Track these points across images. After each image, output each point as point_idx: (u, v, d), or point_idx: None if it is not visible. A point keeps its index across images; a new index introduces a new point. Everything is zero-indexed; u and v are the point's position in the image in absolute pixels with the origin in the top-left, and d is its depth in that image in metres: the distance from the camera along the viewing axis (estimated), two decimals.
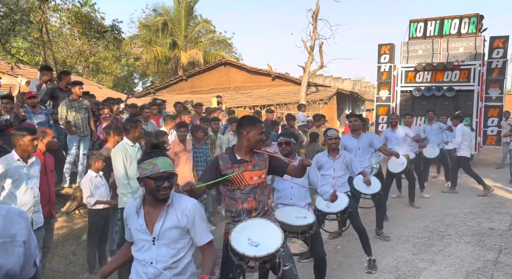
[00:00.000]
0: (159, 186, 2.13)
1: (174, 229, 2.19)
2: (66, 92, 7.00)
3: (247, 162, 2.93)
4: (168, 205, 2.20)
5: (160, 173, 2.12)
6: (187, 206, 2.22)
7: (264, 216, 2.92)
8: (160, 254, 2.17)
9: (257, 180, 2.94)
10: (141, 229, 2.20)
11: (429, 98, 11.86)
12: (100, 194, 4.64)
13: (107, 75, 23.63)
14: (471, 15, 11.82)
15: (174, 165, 2.56)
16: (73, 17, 10.99)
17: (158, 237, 2.18)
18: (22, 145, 3.48)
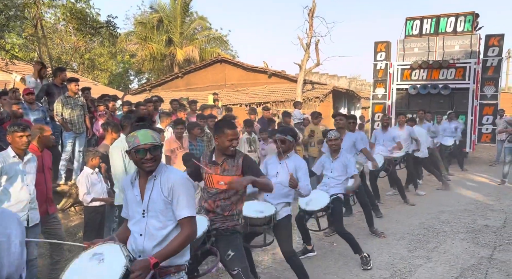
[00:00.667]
0: (142, 158, 2.16)
1: (159, 201, 2.20)
2: (61, 88, 6.96)
3: (218, 165, 2.97)
4: (154, 177, 2.22)
5: (141, 145, 2.15)
6: (174, 178, 2.22)
7: (223, 220, 2.96)
8: (148, 225, 2.20)
9: (223, 185, 2.93)
10: (135, 199, 2.25)
11: (425, 96, 11.91)
12: (96, 191, 4.63)
13: (102, 72, 23.49)
14: (467, 13, 11.87)
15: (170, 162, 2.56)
16: (68, 13, 10.89)
17: (147, 208, 2.21)
18: (13, 141, 3.48)
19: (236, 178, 2.83)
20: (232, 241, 2.95)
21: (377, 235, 5.51)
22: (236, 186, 2.74)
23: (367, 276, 4.31)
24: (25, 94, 6.10)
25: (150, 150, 2.17)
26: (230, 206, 2.98)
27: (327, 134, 4.88)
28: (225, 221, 2.97)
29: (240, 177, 2.91)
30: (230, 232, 2.97)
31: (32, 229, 3.57)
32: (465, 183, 9.14)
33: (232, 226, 2.99)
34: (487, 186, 8.70)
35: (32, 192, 3.59)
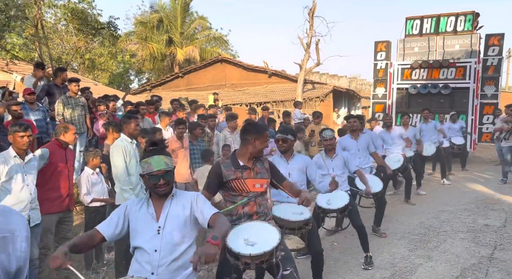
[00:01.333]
0: (155, 183, 2.26)
1: (178, 217, 2.29)
2: (62, 89, 6.98)
3: (249, 169, 2.93)
4: (172, 195, 2.34)
5: (155, 172, 2.24)
6: (192, 194, 2.40)
7: (265, 218, 2.95)
8: (164, 241, 2.24)
9: (259, 188, 2.94)
10: (150, 217, 2.29)
11: (425, 95, 11.92)
12: (97, 191, 4.64)
13: (102, 72, 23.51)
14: (467, 13, 11.86)
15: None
16: (69, 13, 10.90)
17: (164, 225, 2.26)
18: (14, 141, 3.52)
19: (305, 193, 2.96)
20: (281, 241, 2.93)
21: (378, 235, 5.51)
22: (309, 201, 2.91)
23: (368, 275, 4.32)
24: (26, 94, 6.11)
25: (164, 176, 2.25)
26: (267, 203, 3.06)
27: (322, 134, 4.85)
28: (265, 218, 2.97)
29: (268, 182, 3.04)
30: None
31: (33, 229, 3.58)
32: (465, 182, 9.14)
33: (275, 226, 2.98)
34: (488, 185, 8.70)
35: (33, 192, 3.61)
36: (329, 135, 4.73)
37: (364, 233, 4.54)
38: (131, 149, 4.43)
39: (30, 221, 3.55)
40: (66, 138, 4.09)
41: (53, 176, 3.94)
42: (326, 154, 4.86)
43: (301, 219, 3.42)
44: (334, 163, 4.82)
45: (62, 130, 4.08)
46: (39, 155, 3.87)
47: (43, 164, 3.86)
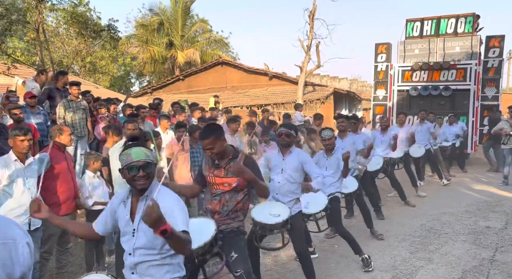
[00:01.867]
0: (134, 175, 2.15)
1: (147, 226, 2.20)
2: (63, 92, 7.01)
3: (221, 168, 2.99)
4: (145, 197, 2.20)
5: (134, 162, 2.14)
6: (168, 200, 2.18)
7: (228, 221, 2.99)
8: (137, 245, 2.19)
9: (227, 187, 2.97)
10: (125, 218, 2.25)
11: (426, 97, 11.92)
12: (98, 194, 4.64)
13: (103, 75, 23.57)
14: (467, 15, 11.87)
15: (172, 165, 2.57)
16: (69, 17, 10.95)
17: (137, 228, 2.20)
18: (14, 145, 3.53)
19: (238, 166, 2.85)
20: (236, 242, 2.98)
21: (375, 237, 5.49)
22: (238, 172, 2.81)
23: (369, 278, 4.32)
24: (27, 98, 6.13)
25: (143, 167, 2.15)
26: (236, 205, 3.01)
27: (321, 134, 4.89)
28: (230, 221, 2.99)
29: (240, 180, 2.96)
30: (234, 234, 2.99)
31: (33, 233, 3.59)
32: (466, 184, 9.13)
33: (236, 227, 3.01)
34: (489, 187, 8.69)
35: (34, 195, 3.62)
36: (328, 135, 4.77)
37: (350, 238, 4.56)
38: None
39: (31, 225, 3.56)
40: (62, 140, 4.08)
41: (57, 179, 3.95)
42: (325, 153, 4.89)
43: (276, 221, 3.46)
44: (328, 162, 4.86)
45: (57, 132, 4.07)
46: (38, 159, 3.89)
47: (45, 168, 3.86)
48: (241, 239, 3.03)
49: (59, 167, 4.01)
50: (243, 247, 3.02)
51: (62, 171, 4.04)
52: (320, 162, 4.90)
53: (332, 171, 4.83)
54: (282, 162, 3.89)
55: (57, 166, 3.98)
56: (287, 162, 3.89)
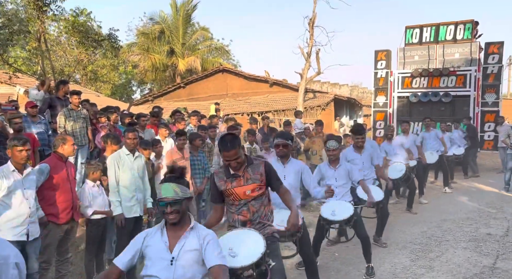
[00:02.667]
0: (163, 211, 2.26)
1: (193, 252, 2.26)
2: (64, 101, 7.04)
3: (239, 177, 2.94)
4: (191, 228, 2.31)
5: (163, 198, 2.24)
6: (208, 232, 2.34)
7: (261, 227, 2.95)
8: (176, 274, 2.22)
9: (251, 193, 2.94)
10: (164, 246, 2.27)
11: (426, 103, 11.94)
12: (98, 203, 4.64)
13: (105, 83, 23.69)
14: (466, 21, 11.94)
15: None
16: (70, 26, 11.05)
17: (177, 257, 2.24)
18: (13, 156, 3.54)
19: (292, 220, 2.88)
20: (273, 250, 2.92)
21: (379, 245, 5.47)
22: (295, 228, 2.89)
23: None
24: (28, 107, 6.17)
25: (171, 203, 2.23)
26: (264, 209, 3.02)
27: (326, 144, 4.83)
28: (263, 227, 2.97)
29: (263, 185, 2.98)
30: (270, 241, 2.93)
31: (32, 243, 3.59)
32: (467, 190, 9.10)
33: (271, 233, 2.99)
34: (490, 193, 8.66)
35: (32, 206, 3.62)
36: (333, 146, 4.68)
37: (368, 244, 4.54)
38: (127, 161, 4.47)
39: (29, 235, 3.55)
40: (65, 150, 4.10)
41: (56, 190, 3.95)
42: (329, 164, 4.84)
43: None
44: (337, 173, 4.78)
45: (60, 142, 4.08)
46: (38, 170, 3.90)
47: (43, 179, 3.88)
48: (277, 246, 3.01)
49: (59, 177, 4.02)
50: (280, 255, 3.00)
51: (61, 181, 4.04)
52: (327, 173, 4.81)
53: (343, 181, 4.74)
54: (283, 169, 3.89)
55: (57, 176, 3.98)
56: (288, 168, 3.92)
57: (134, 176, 4.47)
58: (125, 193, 4.37)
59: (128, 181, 4.35)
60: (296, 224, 2.87)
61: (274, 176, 3.04)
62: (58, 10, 9.84)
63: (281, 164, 3.95)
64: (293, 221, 2.88)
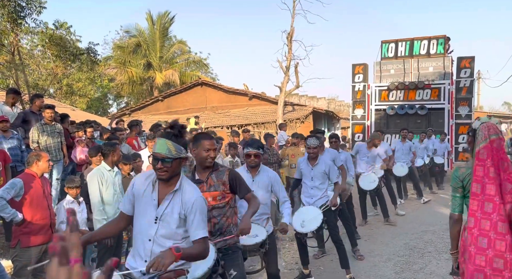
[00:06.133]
0: (154, 165, 2.22)
1: (175, 214, 2.24)
2: (38, 115, 6.81)
3: (203, 182, 2.90)
4: (176, 190, 2.26)
5: (156, 153, 2.21)
6: (192, 196, 2.26)
7: (222, 236, 2.90)
8: (158, 233, 2.23)
9: (212, 201, 2.87)
10: (152, 202, 2.26)
11: (403, 116, 12.20)
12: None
13: (80, 97, 23.18)
14: (439, 37, 12.35)
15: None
16: (47, 39, 10.79)
17: (160, 217, 2.23)
18: None
19: (241, 225, 2.81)
20: (234, 260, 2.90)
21: (355, 256, 5.43)
22: (247, 232, 2.80)
23: None
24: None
25: (162, 160, 2.19)
26: (226, 221, 2.93)
27: (306, 141, 4.80)
28: (223, 238, 2.90)
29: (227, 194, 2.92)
30: (232, 251, 2.91)
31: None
32: (445, 201, 9.26)
33: (233, 244, 2.93)
34: None
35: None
36: (314, 144, 4.65)
37: (342, 250, 4.58)
38: (109, 177, 4.34)
39: None
40: (40, 167, 3.94)
41: (31, 207, 3.78)
42: (308, 161, 4.80)
43: (253, 242, 3.37)
44: (313, 172, 4.77)
45: (34, 159, 3.92)
46: (9, 183, 3.73)
47: (14, 193, 3.68)
48: (238, 256, 2.96)
49: (34, 193, 3.85)
50: (241, 264, 2.95)
51: (37, 197, 3.87)
52: (305, 170, 4.80)
53: (319, 181, 4.72)
54: (252, 184, 3.59)
55: (32, 193, 3.81)
56: (257, 183, 3.67)
57: (116, 192, 4.33)
58: (109, 210, 4.21)
59: (111, 197, 4.20)
60: (244, 229, 2.78)
61: (240, 183, 2.97)
62: (36, 23, 9.64)
63: (250, 176, 3.68)
64: (241, 226, 2.81)
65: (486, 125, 2.55)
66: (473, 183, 2.48)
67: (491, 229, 2.36)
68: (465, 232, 2.57)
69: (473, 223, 2.44)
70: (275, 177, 3.78)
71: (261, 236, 3.42)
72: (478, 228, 2.41)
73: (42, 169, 3.98)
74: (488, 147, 2.47)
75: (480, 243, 2.39)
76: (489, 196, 2.39)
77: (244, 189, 2.99)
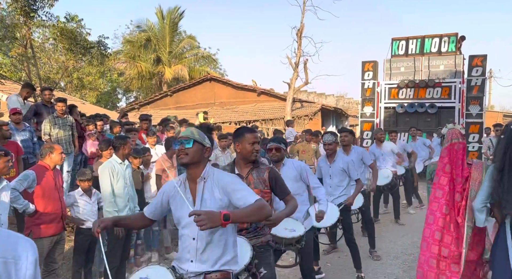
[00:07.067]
0: (177, 149, 2.24)
1: (212, 203, 2.20)
2: (50, 108, 6.89)
3: (242, 178, 2.85)
4: (203, 179, 2.24)
5: (180, 137, 2.26)
6: (227, 177, 2.26)
7: (256, 236, 2.88)
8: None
9: None
10: (187, 201, 2.21)
11: (412, 114, 12.11)
12: (86, 212, 4.51)
13: (90, 91, 23.36)
14: (450, 34, 12.22)
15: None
16: (59, 33, 10.88)
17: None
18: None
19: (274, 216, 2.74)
20: (265, 258, 2.86)
21: (371, 257, 5.45)
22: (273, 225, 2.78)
23: None
24: (12, 114, 6.01)
25: (184, 142, 2.21)
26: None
27: (323, 138, 4.78)
28: (258, 236, 2.89)
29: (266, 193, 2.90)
30: (263, 249, 2.88)
31: None
32: None
33: (266, 242, 2.90)
34: None
35: (5, 222, 3.43)
36: (329, 140, 4.62)
37: (356, 250, 4.56)
38: (120, 169, 4.38)
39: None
40: (53, 159, 4.00)
41: (43, 199, 3.83)
42: (326, 159, 4.76)
43: (290, 236, 3.35)
44: (332, 169, 4.74)
45: (47, 151, 3.98)
46: (22, 175, 3.78)
47: (27, 185, 3.73)
48: (269, 255, 2.92)
49: (46, 185, 3.90)
50: (272, 263, 2.92)
51: (49, 190, 3.93)
52: (323, 169, 4.78)
53: (338, 179, 4.67)
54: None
55: (44, 185, 3.86)
56: (284, 175, 3.64)
57: (127, 184, 4.37)
58: (119, 202, 4.26)
59: (121, 190, 4.25)
60: (273, 219, 2.72)
61: (280, 183, 2.95)
62: (47, 16, 9.71)
63: None
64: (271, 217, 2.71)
65: (450, 132, 3.30)
66: (435, 175, 3.32)
67: (438, 210, 3.22)
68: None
69: (428, 205, 3.43)
70: (302, 165, 3.82)
71: (298, 232, 3.40)
72: (430, 209, 3.33)
73: (55, 161, 4.03)
74: (448, 148, 3.24)
75: (429, 219, 3.31)
76: (441, 185, 3.21)
77: (283, 190, 2.95)
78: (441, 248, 3.19)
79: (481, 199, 2.84)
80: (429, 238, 3.27)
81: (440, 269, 3.20)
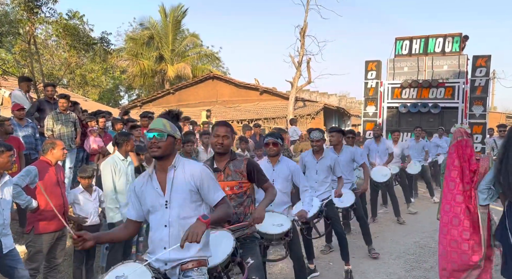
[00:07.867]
0: (149, 141, 2.24)
1: (184, 190, 2.25)
2: (53, 104, 6.89)
3: (220, 171, 2.94)
4: (173, 168, 2.27)
5: (150, 129, 2.25)
6: (199, 168, 2.32)
7: (240, 228, 2.89)
8: (172, 215, 2.23)
9: (229, 191, 2.90)
10: (155, 192, 2.27)
11: (415, 114, 12.07)
12: (87, 209, 4.49)
13: (93, 88, 23.35)
14: (454, 35, 12.16)
15: None
16: (61, 29, 10.85)
17: (170, 199, 2.25)
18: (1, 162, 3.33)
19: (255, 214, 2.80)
20: (251, 248, 2.92)
21: (370, 255, 5.41)
22: (259, 221, 2.80)
23: None
24: (15, 110, 6.00)
25: (156, 135, 2.22)
26: (244, 210, 2.97)
27: (310, 135, 4.85)
28: (243, 229, 2.91)
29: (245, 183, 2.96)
30: (249, 240, 2.94)
31: (7, 255, 3.36)
32: None
33: (250, 233, 2.95)
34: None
35: (7, 218, 3.42)
36: (317, 137, 4.70)
37: (343, 241, 4.62)
38: (122, 166, 4.37)
39: (3, 248, 3.32)
40: (55, 155, 3.98)
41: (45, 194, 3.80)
42: (313, 154, 4.81)
43: (280, 231, 3.40)
44: (318, 165, 4.79)
45: (49, 146, 3.96)
46: (24, 170, 3.76)
47: (29, 181, 3.72)
48: (255, 245, 2.98)
49: (48, 181, 3.88)
50: (258, 253, 2.98)
51: (51, 185, 3.91)
52: (309, 164, 4.82)
53: (324, 175, 4.76)
54: (272, 173, 3.80)
55: (46, 181, 3.85)
56: (277, 172, 3.85)
57: (129, 181, 4.36)
58: (121, 199, 4.25)
59: (123, 186, 4.24)
60: (257, 218, 2.77)
61: (258, 172, 3.02)
62: (50, 12, 9.68)
63: (270, 166, 3.86)
64: (254, 215, 2.81)
65: (457, 130, 3.65)
66: (446, 169, 3.69)
67: (452, 199, 3.58)
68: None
69: (443, 196, 3.71)
70: (295, 167, 3.92)
71: (286, 225, 3.45)
72: (445, 199, 3.66)
73: (57, 157, 4.01)
74: (455, 145, 3.59)
75: (445, 207, 3.64)
76: (452, 178, 3.58)
77: (262, 178, 3.03)
78: (462, 231, 3.53)
79: (484, 182, 3.38)
80: (449, 224, 3.59)
81: (462, 249, 3.53)
